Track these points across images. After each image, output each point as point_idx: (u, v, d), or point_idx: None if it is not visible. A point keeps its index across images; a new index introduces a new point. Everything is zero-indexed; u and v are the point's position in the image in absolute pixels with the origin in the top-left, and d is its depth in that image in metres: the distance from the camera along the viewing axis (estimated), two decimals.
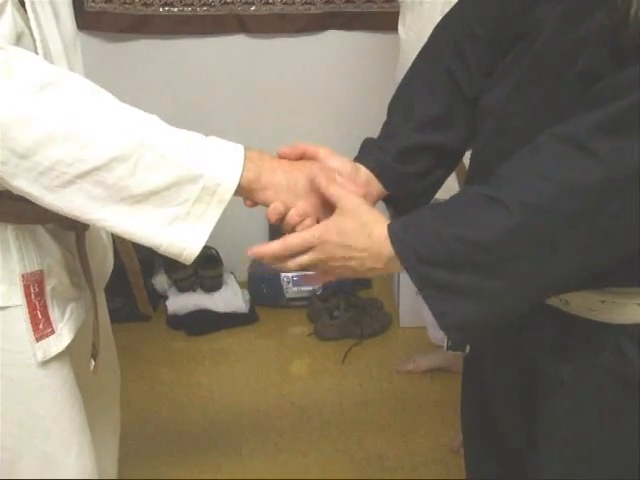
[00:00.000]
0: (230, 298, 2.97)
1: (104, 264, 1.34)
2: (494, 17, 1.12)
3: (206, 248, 1.68)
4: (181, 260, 1.03)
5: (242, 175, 1.01)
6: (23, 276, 1.10)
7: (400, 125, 1.20)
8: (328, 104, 2.98)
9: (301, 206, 1.07)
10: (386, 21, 2.86)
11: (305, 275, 2.94)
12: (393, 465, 2.22)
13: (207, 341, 2.84)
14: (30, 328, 1.12)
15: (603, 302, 1.05)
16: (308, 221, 1.07)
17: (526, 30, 1.04)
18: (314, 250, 1.04)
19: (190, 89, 2.92)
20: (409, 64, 1.24)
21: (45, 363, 1.15)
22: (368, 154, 1.17)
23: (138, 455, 2.23)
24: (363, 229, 1.03)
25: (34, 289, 1.12)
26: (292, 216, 1.07)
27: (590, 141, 0.89)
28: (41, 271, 1.12)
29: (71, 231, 1.18)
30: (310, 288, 2.98)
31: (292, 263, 1.06)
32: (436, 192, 1.23)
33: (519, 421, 1.27)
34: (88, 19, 2.71)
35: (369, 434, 2.35)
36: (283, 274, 2.96)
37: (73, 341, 1.18)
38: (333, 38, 2.91)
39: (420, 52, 1.23)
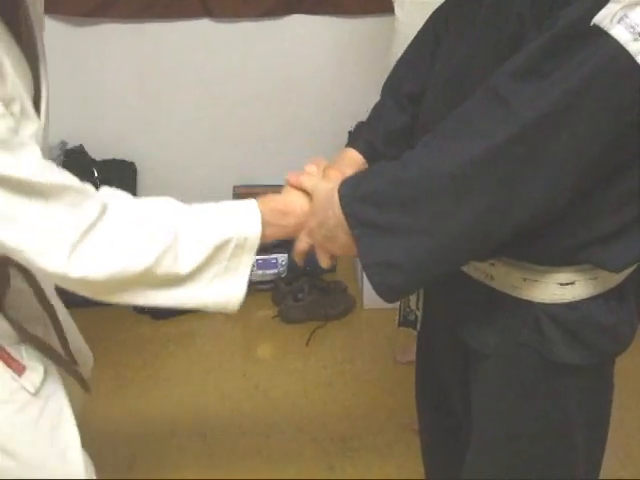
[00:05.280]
0: None
1: None
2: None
3: None
4: (227, 312, 1.14)
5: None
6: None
7: (389, 106, 1.30)
8: (292, 89, 2.99)
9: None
10: (351, 6, 2.87)
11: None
12: (355, 445, 2.26)
13: (172, 325, 2.85)
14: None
15: (524, 280, 1.07)
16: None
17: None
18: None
19: (154, 73, 2.91)
20: (406, 44, 1.34)
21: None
22: (359, 138, 1.25)
23: (103, 438, 2.24)
24: (326, 199, 1.08)
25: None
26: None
27: (504, 89, 0.90)
28: None
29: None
30: (275, 271, 3.00)
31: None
32: None
33: (458, 394, 1.31)
34: (52, 2, 2.67)
35: (332, 415, 2.38)
36: None
37: None
38: (298, 22, 2.91)
39: (413, 39, 1.33)
